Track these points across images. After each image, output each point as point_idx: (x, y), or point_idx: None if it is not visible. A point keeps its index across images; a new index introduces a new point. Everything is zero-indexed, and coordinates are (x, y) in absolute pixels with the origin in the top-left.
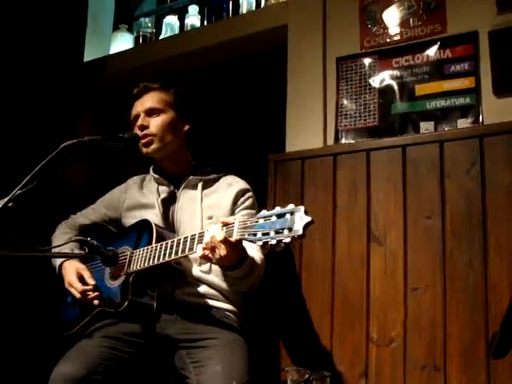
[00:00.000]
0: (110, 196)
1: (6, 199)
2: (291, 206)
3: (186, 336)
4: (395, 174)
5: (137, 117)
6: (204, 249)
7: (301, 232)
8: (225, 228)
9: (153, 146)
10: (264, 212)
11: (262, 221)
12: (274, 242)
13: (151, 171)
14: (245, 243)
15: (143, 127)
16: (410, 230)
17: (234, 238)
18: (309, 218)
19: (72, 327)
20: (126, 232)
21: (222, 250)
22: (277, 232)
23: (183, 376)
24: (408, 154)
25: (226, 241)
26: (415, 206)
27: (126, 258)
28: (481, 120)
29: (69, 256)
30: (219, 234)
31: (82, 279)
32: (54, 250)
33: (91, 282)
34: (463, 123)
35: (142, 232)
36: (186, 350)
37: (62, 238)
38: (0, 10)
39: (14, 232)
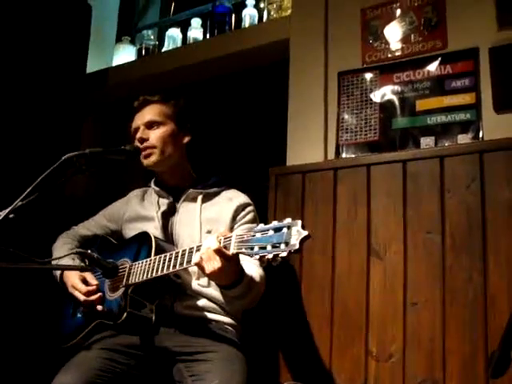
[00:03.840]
0: (111, 208)
1: (6, 210)
2: (288, 220)
3: (184, 349)
4: (395, 189)
5: (137, 130)
6: (200, 257)
7: (297, 246)
8: (222, 239)
9: (153, 159)
10: (261, 226)
11: (259, 235)
12: (270, 256)
13: (152, 184)
14: (244, 259)
15: (143, 140)
16: (410, 245)
17: (231, 251)
18: (305, 233)
19: (71, 339)
20: (126, 244)
21: (216, 262)
22: (274, 246)
23: None
24: (408, 169)
25: (220, 252)
26: (415, 220)
27: (125, 271)
28: (481, 136)
29: (69, 268)
30: (214, 243)
31: (84, 281)
32: (54, 262)
33: (94, 282)
34: (463, 139)
35: (141, 244)
36: (185, 364)
37: (63, 248)
38: (3, 22)
39: (15, 244)
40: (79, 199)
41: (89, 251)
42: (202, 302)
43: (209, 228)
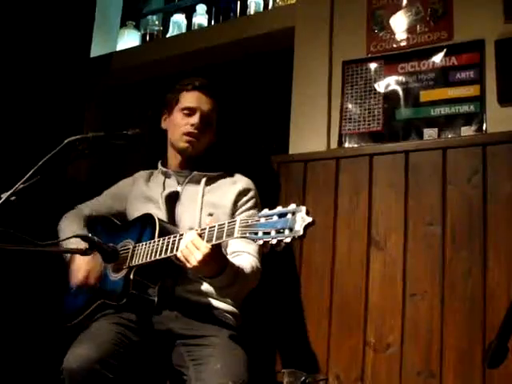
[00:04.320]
0: (116, 188)
1: (8, 193)
2: (293, 206)
3: (186, 331)
4: (397, 180)
5: (191, 109)
6: (181, 252)
7: (301, 233)
8: (206, 230)
9: (195, 147)
10: (266, 211)
11: (263, 220)
12: (274, 241)
13: (159, 165)
14: (244, 251)
15: (197, 128)
16: (411, 236)
17: (236, 235)
18: (310, 219)
19: (73, 318)
20: (130, 225)
21: (197, 254)
22: (278, 231)
23: (180, 373)
24: (411, 160)
25: (200, 243)
26: (416, 212)
27: (128, 252)
28: (484, 128)
29: (69, 252)
30: (192, 236)
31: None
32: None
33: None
34: (467, 131)
35: (145, 226)
36: (186, 348)
37: (68, 228)
38: (8, 5)
39: (17, 226)
40: (81, 182)
41: (89, 235)
42: (202, 287)
43: (210, 211)
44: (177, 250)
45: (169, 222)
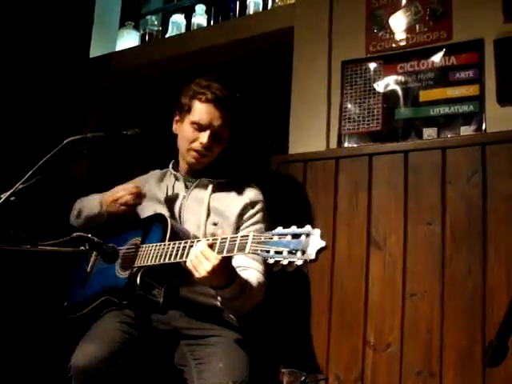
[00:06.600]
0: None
1: (8, 193)
2: (308, 228)
3: (190, 332)
4: (397, 179)
5: (201, 125)
6: (191, 262)
7: (313, 257)
8: (218, 242)
9: (202, 164)
10: (280, 229)
11: (276, 238)
12: (285, 262)
13: (170, 167)
14: (251, 267)
15: (206, 147)
16: (410, 236)
17: (247, 250)
18: (323, 243)
19: (78, 310)
20: (141, 223)
21: (206, 265)
22: (290, 252)
23: (182, 372)
24: (410, 160)
25: (210, 254)
26: (416, 211)
27: (137, 251)
28: (484, 128)
29: (71, 251)
30: (202, 247)
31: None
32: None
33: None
34: (466, 130)
35: (157, 226)
36: (189, 347)
37: (91, 200)
38: (8, 6)
39: (16, 226)
40: (81, 183)
41: (89, 235)
42: (207, 288)
43: (215, 220)
44: (186, 256)
45: None
